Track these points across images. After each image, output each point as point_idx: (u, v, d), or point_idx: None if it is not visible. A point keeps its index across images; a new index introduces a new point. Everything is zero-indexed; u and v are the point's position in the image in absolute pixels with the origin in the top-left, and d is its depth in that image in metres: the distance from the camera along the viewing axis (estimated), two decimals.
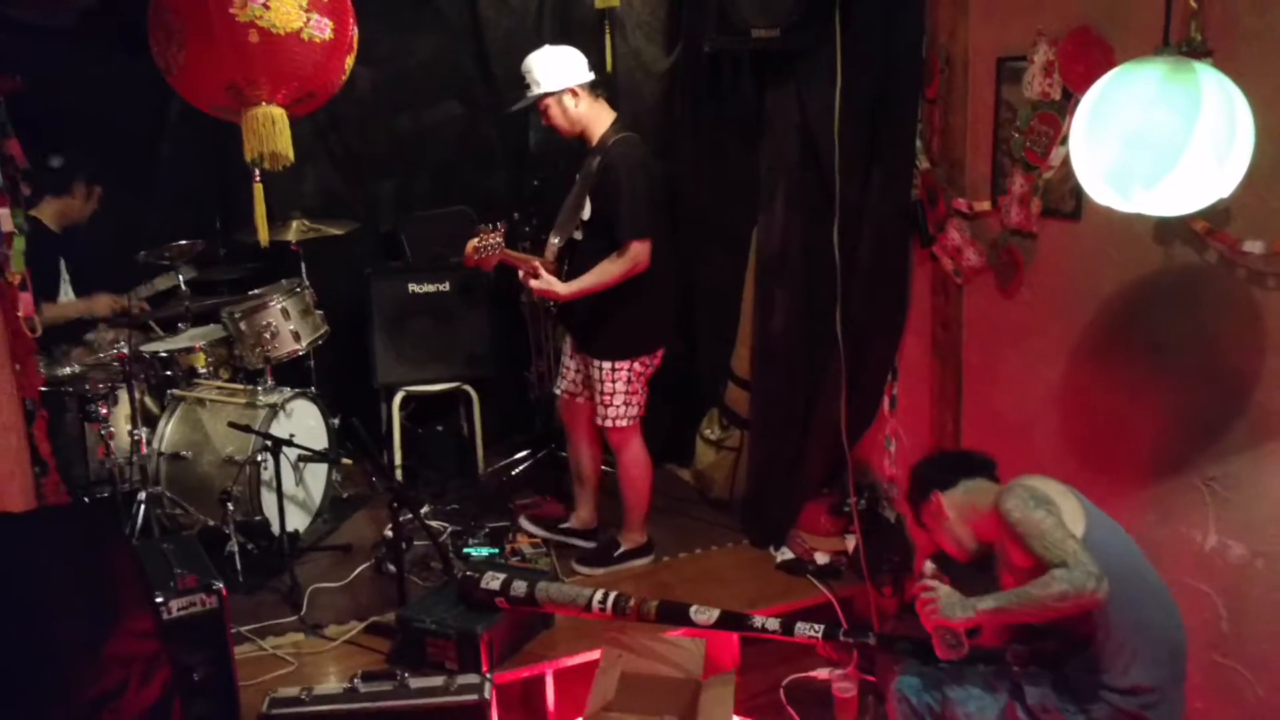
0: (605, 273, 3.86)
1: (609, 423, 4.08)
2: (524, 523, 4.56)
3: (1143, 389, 3.02)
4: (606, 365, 4.01)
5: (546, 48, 3.98)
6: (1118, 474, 3.10)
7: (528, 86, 3.94)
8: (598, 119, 3.97)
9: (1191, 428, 2.89)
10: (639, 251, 3.83)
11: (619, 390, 4.03)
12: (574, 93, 3.90)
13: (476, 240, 3.90)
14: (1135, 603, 2.41)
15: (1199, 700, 2.62)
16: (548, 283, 3.94)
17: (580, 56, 3.97)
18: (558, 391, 4.34)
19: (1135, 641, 2.43)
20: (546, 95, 3.90)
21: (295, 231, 4.85)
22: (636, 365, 4.03)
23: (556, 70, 3.89)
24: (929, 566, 2.88)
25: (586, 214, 3.95)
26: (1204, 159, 2.15)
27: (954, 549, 2.82)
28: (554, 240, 4.08)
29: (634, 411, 4.09)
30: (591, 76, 3.97)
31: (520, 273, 4.08)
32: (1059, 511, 2.49)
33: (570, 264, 4.00)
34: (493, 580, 3.57)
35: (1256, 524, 2.74)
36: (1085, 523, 2.48)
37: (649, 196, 3.88)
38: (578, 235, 3.99)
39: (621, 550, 4.31)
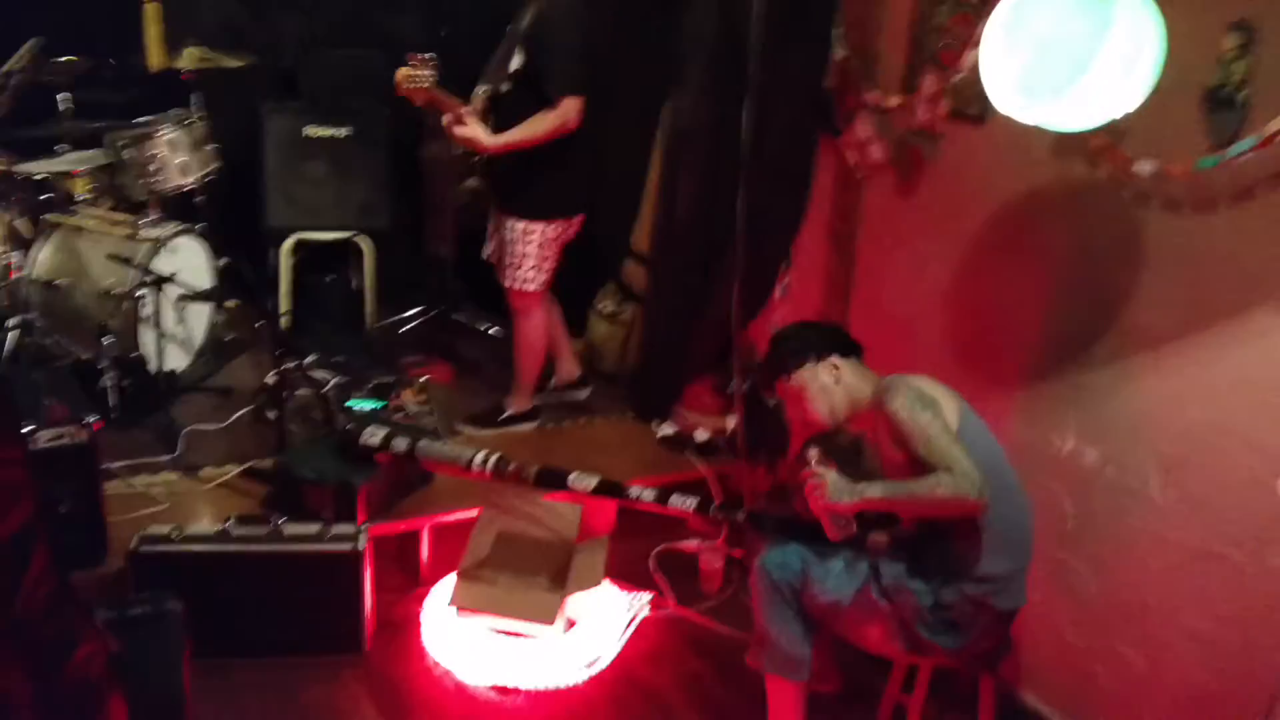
0: (534, 127, 3.76)
1: (516, 284, 4.05)
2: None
3: (1024, 296, 3.12)
4: (520, 225, 3.96)
5: None
6: (993, 376, 3.22)
7: None
8: None
9: (1065, 338, 3.01)
10: (570, 108, 3.75)
11: (529, 254, 3.99)
12: None
13: (408, 68, 3.75)
14: (994, 500, 2.53)
15: (1038, 593, 2.78)
16: (473, 132, 3.81)
17: None
18: (485, 255, 4.28)
19: (989, 535, 2.56)
20: None
21: (190, 59, 4.62)
22: (550, 229, 3.98)
23: None
24: (814, 452, 2.92)
25: (516, 64, 3.84)
26: (1111, 73, 2.19)
27: (822, 418, 2.82)
28: (480, 90, 3.96)
29: (542, 278, 4.06)
30: None
31: (444, 118, 3.90)
32: (942, 413, 2.55)
33: (496, 116, 3.89)
34: (374, 434, 3.57)
35: (1112, 433, 2.89)
36: (959, 422, 2.57)
37: (583, 52, 3.80)
38: (505, 87, 3.88)
39: (507, 414, 4.33)
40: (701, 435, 4.27)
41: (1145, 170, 2.69)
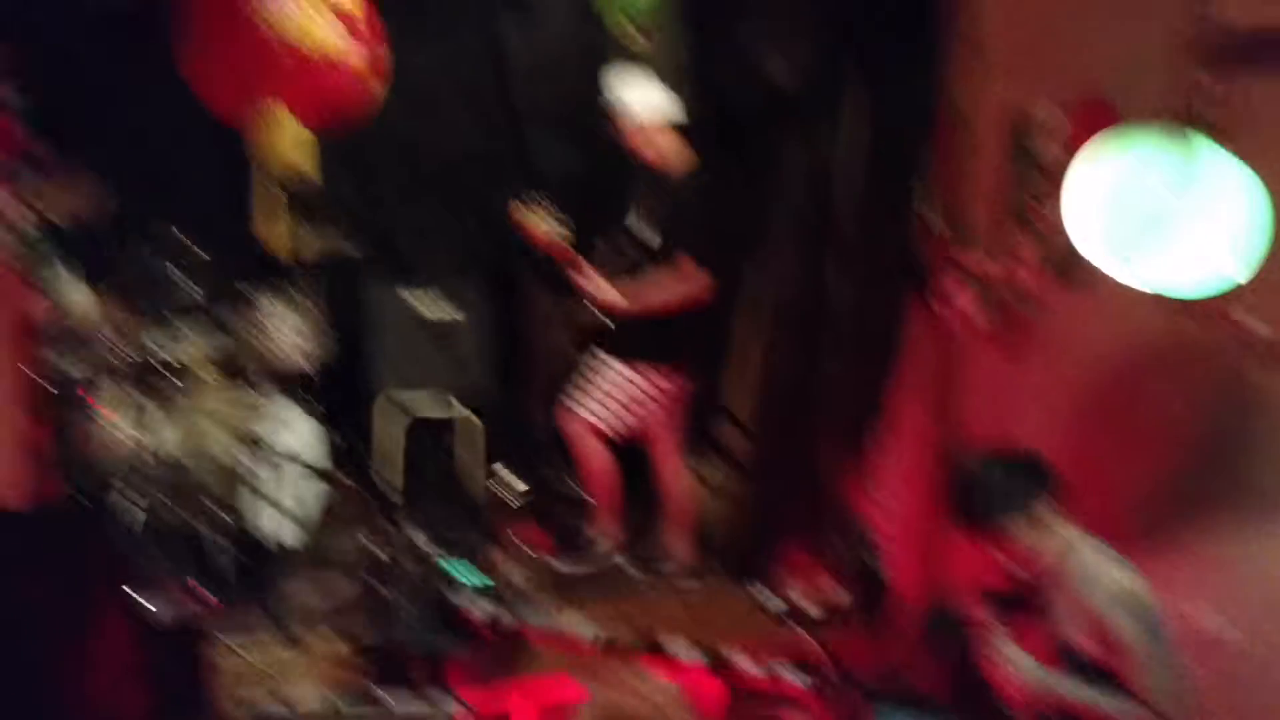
0: (661, 292, 3.99)
1: (583, 411, 4.16)
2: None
3: (1138, 462, 3.02)
4: (617, 363, 4.06)
5: (646, 80, 4.21)
6: (1108, 542, 3.09)
7: (620, 111, 4.10)
8: (677, 154, 4.15)
9: (1185, 503, 2.89)
10: (698, 279, 3.97)
11: (613, 394, 4.08)
12: (661, 125, 4.09)
13: (527, 208, 3.96)
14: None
15: None
16: (602, 288, 4.03)
17: (673, 95, 4.14)
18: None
19: None
20: (637, 122, 4.08)
21: (305, 242, 4.87)
22: (638, 377, 4.08)
23: (651, 101, 4.10)
24: (988, 610, 2.78)
25: (647, 237, 4.09)
26: (1203, 233, 2.17)
27: (1033, 569, 2.64)
28: (610, 253, 4.19)
29: (608, 419, 4.16)
30: (680, 116, 4.14)
31: (571, 273, 4.15)
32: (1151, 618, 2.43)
33: (622, 282, 4.11)
34: (478, 606, 3.57)
35: (1244, 600, 2.74)
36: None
37: (710, 231, 4.07)
38: (634, 256, 4.12)
39: (591, 541, 4.43)
40: (805, 603, 4.16)
41: (1260, 329, 2.62)
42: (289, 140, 3.02)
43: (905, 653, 3.75)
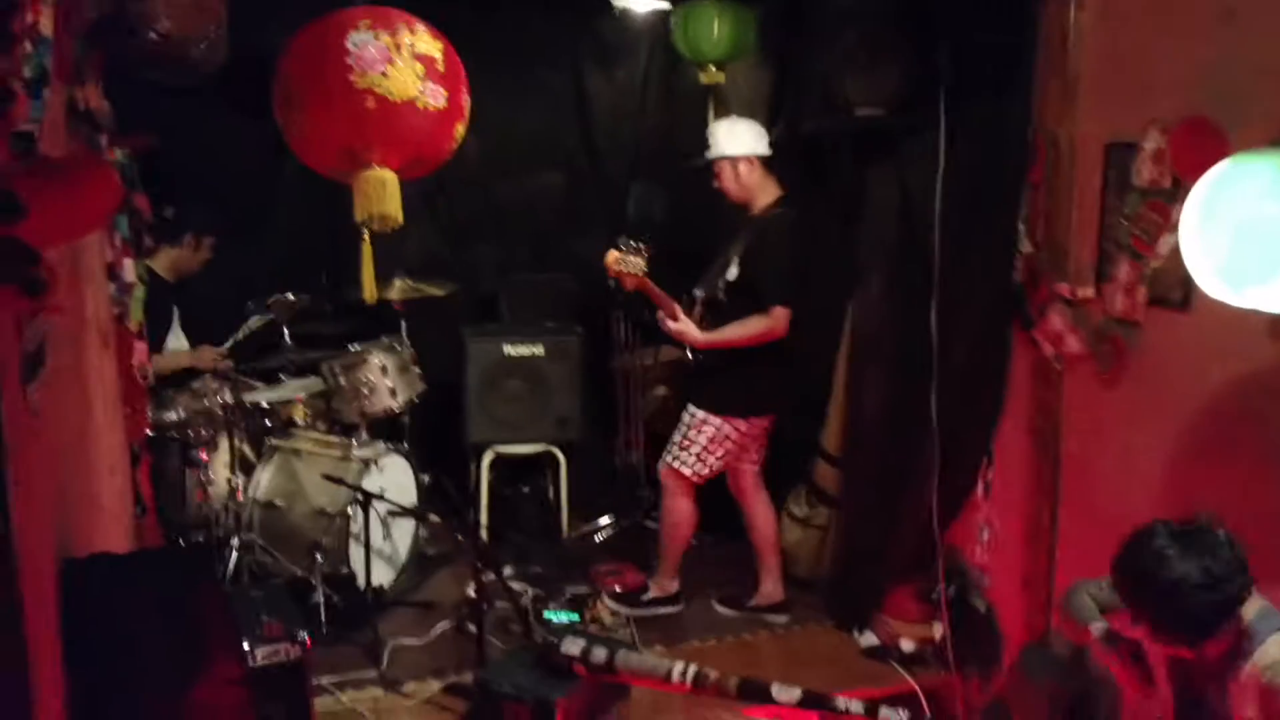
0: (746, 328, 4.04)
1: (674, 462, 4.20)
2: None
3: (1251, 490, 2.91)
4: (700, 414, 4.14)
5: (733, 117, 4.32)
6: None
7: (708, 148, 4.16)
8: (765, 190, 4.18)
9: None
10: (781, 317, 4.00)
11: (698, 441, 4.15)
12: (750, 161, 4.12)
13: (618, 252, 4.02)
14: None
15: None
16: (685, 326, 4.10)
17: (762, 131, 4.20)
18: None
19: None
20: (724, 158, 4.11)
21: (398, 290, 4.97)
22: (728, 427, 4.10)
23: (739, 138, 4.14)
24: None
25: (733, 275, 4.12)
26: None
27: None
28: (698, 293, 4.24)
29: (702, 470, 4.19)
30: (768, 152, 4.18)
31: (659, 313, 4.21)
32: None
33: (710, 319, 4.16)
34: (574, 644, 3.56)
35: None
36: None
37: (796, 268, 4.08)
38: (721, 296, 4.14)
39: (650, 596, 4.41)
40: (907, 645, 4.08)
41: None
42: (376, 186, 3.06)
43: (1008, 692, 3.64)
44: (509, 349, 5.16)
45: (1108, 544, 2.91)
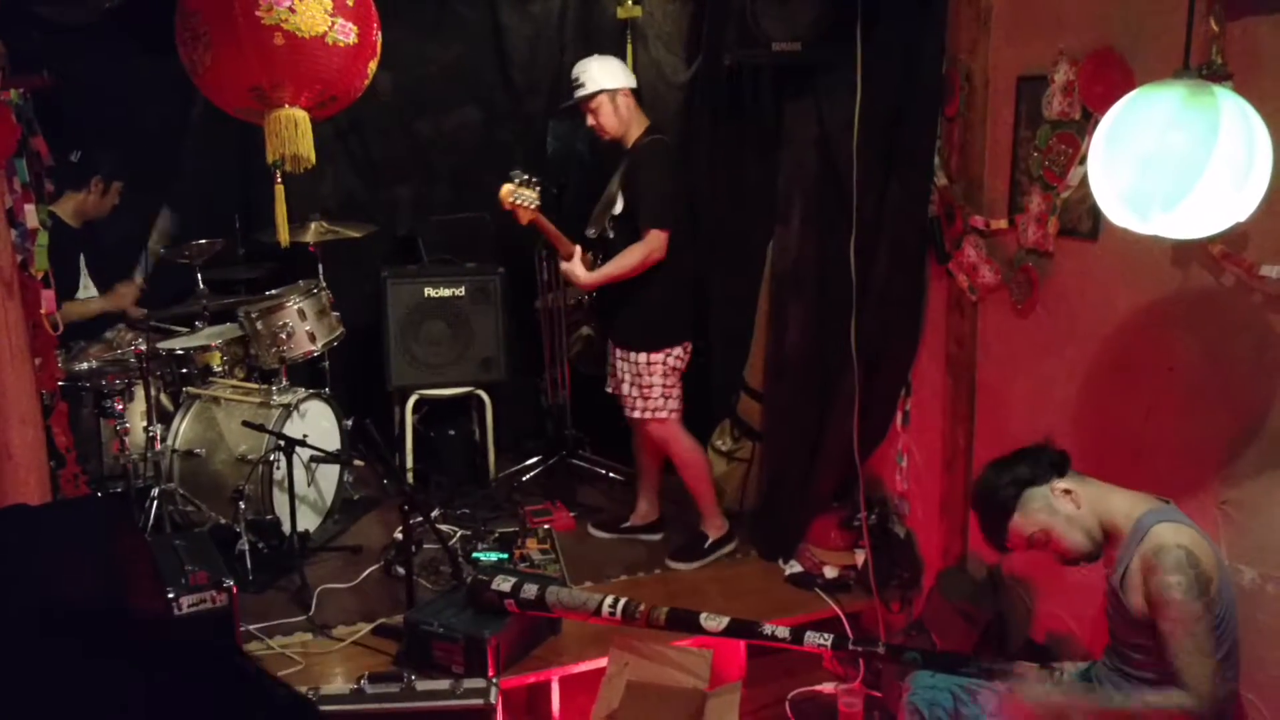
0: (624, 260, 4.05)
1: (649, 414, 4.22)
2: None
3: (1157, 411, 3.02)
4: (642, 358, 4.16)
5: (596, 55, 4.25)
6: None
7: (579, 86, 4.14)
8: (637, 123, 4.18)
9: (1205, 451, 2.88)
10: (656, 239, 4.01)
11: (655, 383, 4.18)
12: (626, 93, 4.14)
13: (511, 185, 4.00)
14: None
15: None
16: (574, 266, 4.12)
17: (625, 65, 4.22)
18: (608, 389, 4.44)
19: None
20: (601, 92, 4.10)
21: (313, 233, 4.88)
22: (670, 359, 4.17)
23: (612, 72, 4.13)
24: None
25: (618, 209, 4.15)
26: (1222, 183, 2.15)
27: (1082, 549, 2.58)
28: (589, 233, 4.26)
29: (673, 404, 4.24)
30: (634, 84, 4.21)
31: (558, 251, 4.21)
32: (1213, 601, 2.37)
33: (604, 258, 4.18)
34: (504, 581, 3.58)
35: (1268, 548, 2.73)
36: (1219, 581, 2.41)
37: (671, 191, 4.10)
38: (610, 231, 4.17)
39: (711, 540, 4.43)
40: (830, 572, 4.18)
41: (1273, 274, 2.61)
42: (288, 125, 2.99)
43: (928, 614, 3.76)
44: (429, 290, 5.11)
45: None
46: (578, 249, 4.14)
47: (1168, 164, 2.20)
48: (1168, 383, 2.98)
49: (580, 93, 4.14)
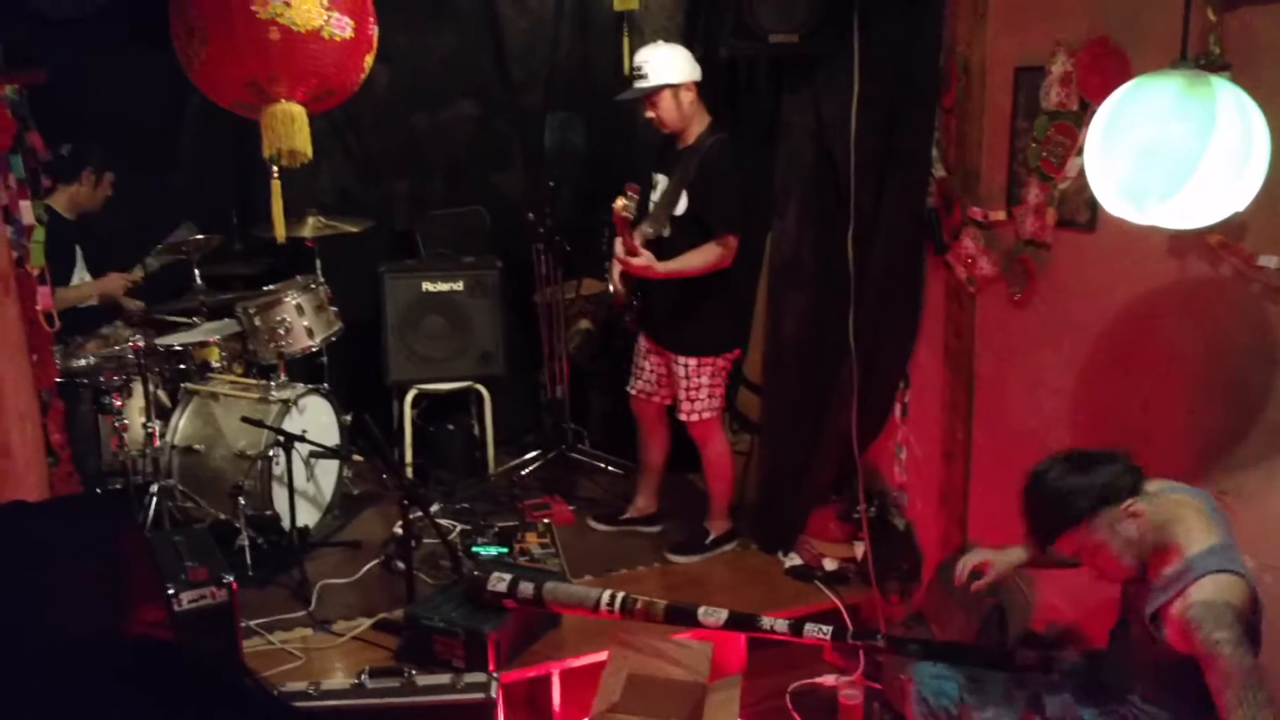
0: (694, 258, 3.95)
1: (695, 417, 4.19)
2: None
3: (1155, 401, 3.02)
4: (692, 362, 4.11)
5: (662, 43, 4.05)
6: None
7: (642, 77, 3.92)
8: (699, 118, 4.03)
9: (1204, 440, 2.89)
10: (733, 246, 3.95)
11: (704, 384, 4.14)
12: (689, 87, 3.96)
13: (625, 199, 3.87)
14: None
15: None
16: (648, 259, 3.93)
17: (691, 55, 4.00)
18: (631, 391, 4.43)
19: None
20: (665, 86, 3.90)
21: (311, 228, 4.87)
22: (721, 361, 4.15)
23: (677, 64, 3.93)
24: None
25: (681, 209, 4.02)
26: (1219, 173, 2.15)
27: (1127, 571, 2.46)
28: (647, 230, 4.09)
29: (716, 404, 4.21)
30: (699, 76, 4.01)
31: (618, 247, 4.03)
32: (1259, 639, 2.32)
33: (659, 255, 4.01)
34: (500, 580, 3.58)
35: (1267, 537, 2.73)
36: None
37: (742, 195, 4.00)
38: (666, 232, 4.05)
39: (713, 537, 4.42)
40: (829, 565, 4.18)
41: (1271, 264, 2.61)
42: (284, 120, 2.99)
43: (928, 605, 3.77)
44: (427, 285, 5.10)
45: (1020, 460, 3.01)
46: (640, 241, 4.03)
47: (1165, 154, 2.20)
48: (1166, 373, 2.98)
49: (643, 84, 3.92)
